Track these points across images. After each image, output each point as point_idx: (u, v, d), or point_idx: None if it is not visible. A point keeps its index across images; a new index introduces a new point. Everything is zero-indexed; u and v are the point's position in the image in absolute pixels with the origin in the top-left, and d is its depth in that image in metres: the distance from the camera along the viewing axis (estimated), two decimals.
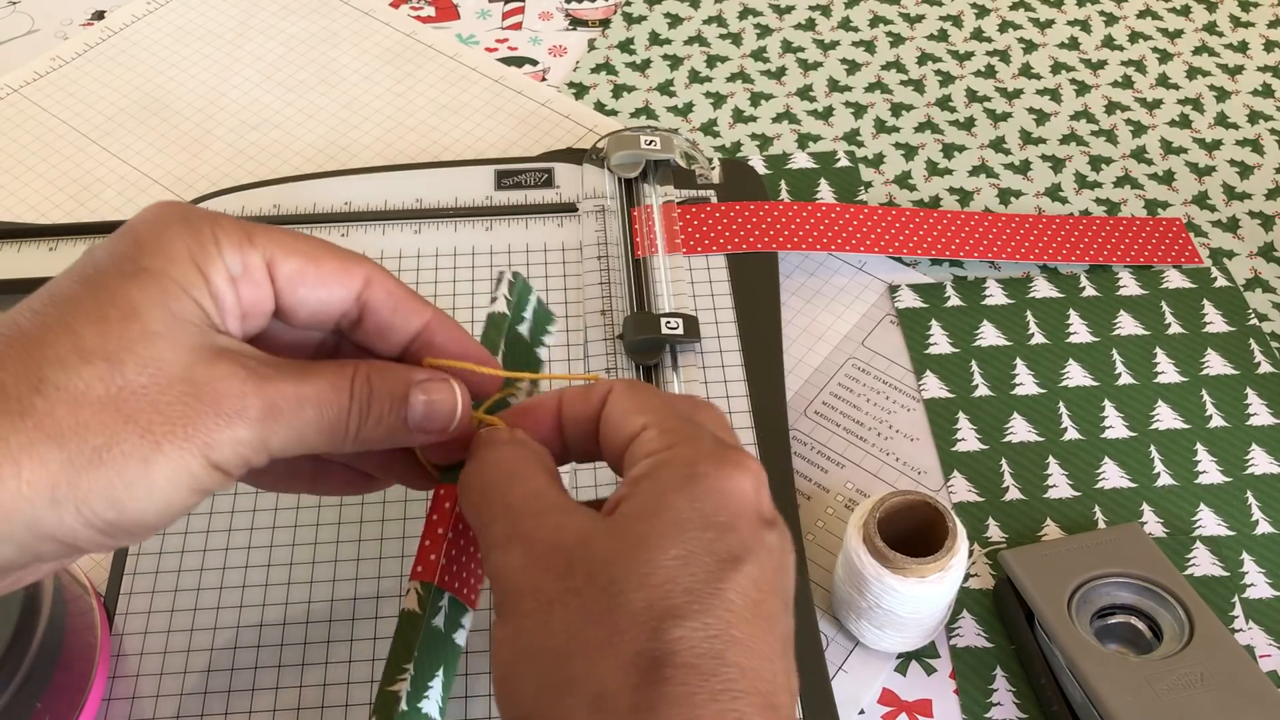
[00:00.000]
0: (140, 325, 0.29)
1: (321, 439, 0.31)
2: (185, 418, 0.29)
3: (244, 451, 0.30)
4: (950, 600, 0.41)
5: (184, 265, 0.30)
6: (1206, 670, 0.39)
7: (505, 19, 0.71)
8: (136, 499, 0.28)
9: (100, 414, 0.28)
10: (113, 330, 0.29)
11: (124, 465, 0.28)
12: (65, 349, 0.29)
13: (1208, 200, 0.60)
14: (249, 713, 0.40)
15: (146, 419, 0.28)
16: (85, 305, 0.29)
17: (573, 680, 0.27)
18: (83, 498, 0.28)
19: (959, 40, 0.69)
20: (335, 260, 0.33)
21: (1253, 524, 0.46)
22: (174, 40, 0.68)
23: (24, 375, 0.28)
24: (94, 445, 0.28)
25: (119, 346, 0.29)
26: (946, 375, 0.51)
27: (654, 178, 0.56)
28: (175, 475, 0.29)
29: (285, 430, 0.30)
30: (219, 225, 0.31)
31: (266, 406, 0.30)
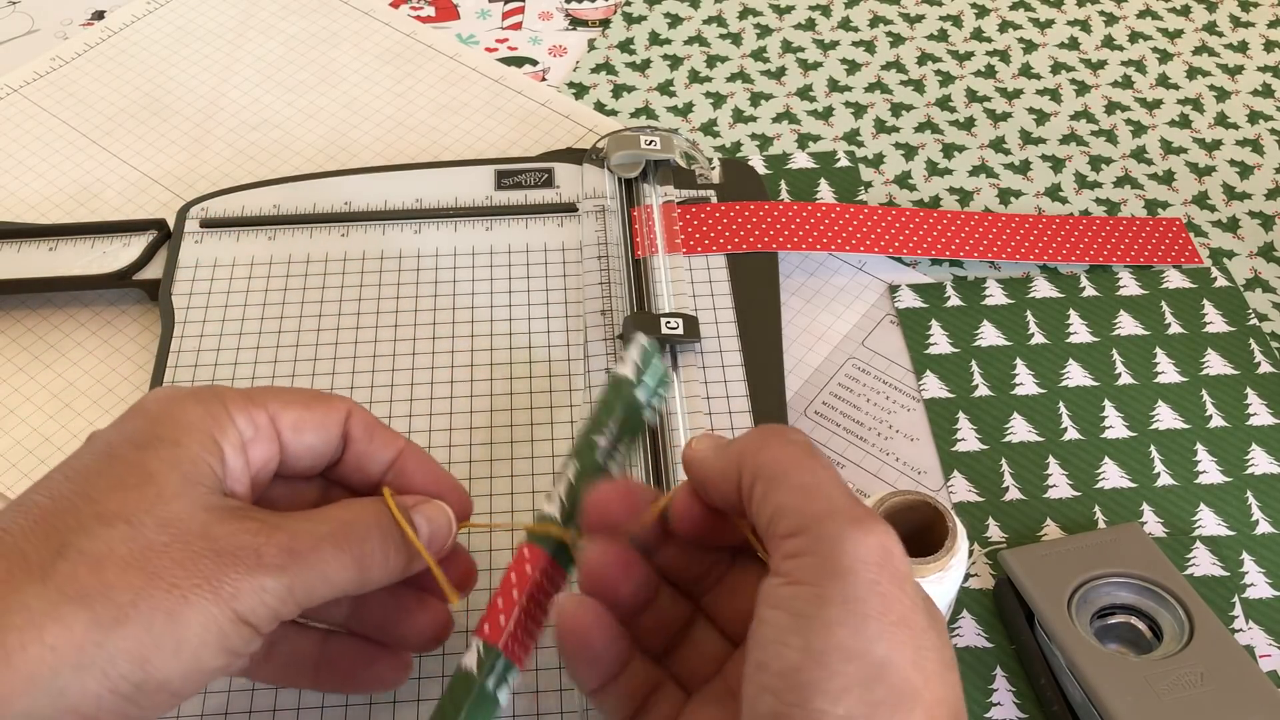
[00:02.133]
0: (157, 489, 0.30)
1: (346, 575, 0.32)
2: (209, 571, 0.29)
3: (270, 601, 0.30)
4: (950, 600, 0.41)
5: (199, 435, 0.32)
6: (1206, 670, 0.39)
7: (505, 19, 0.71)
8: (164, 656, 0.28)
9: (125, 573, 0.28)
10: (131, 495, 0.30)
11: (151, 619, 0.28)
12: (86, 515, 0.29)
13: (1208, 200, 0.60)
14: (249, 713, 0.40)
15: (171, 575, 0.29)
16: (103, 475, 0.30)
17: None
18: (109, 658, 0.27)
19: (959, 40, 0.69)
20: (321, 402, 0.35)
21: (1253, 524, 0.46)
22: (174, 40, 0.68)
23: (45, 543, 0.28)
24: (119, 603, 0.28)
25: (138, 509, 0.29)
26: (946, 375, 0.51)
27: (654, 178, 0.56)
28: (204, 629, 0.29)
29: (308, 573, 0.31)
30: (225, 396, 0.33)
31: (285, 552, 0.31)
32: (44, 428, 0.50)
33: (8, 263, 0.53)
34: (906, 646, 0.26)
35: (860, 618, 0.26)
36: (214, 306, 0.52)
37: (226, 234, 0.54)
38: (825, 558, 0.27)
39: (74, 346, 0.53)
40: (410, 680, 0.41)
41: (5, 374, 0.52)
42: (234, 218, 0.55)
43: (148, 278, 0.53)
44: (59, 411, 0.50)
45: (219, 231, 0.55)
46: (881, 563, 0.27)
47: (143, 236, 0.54)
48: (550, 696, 0.40)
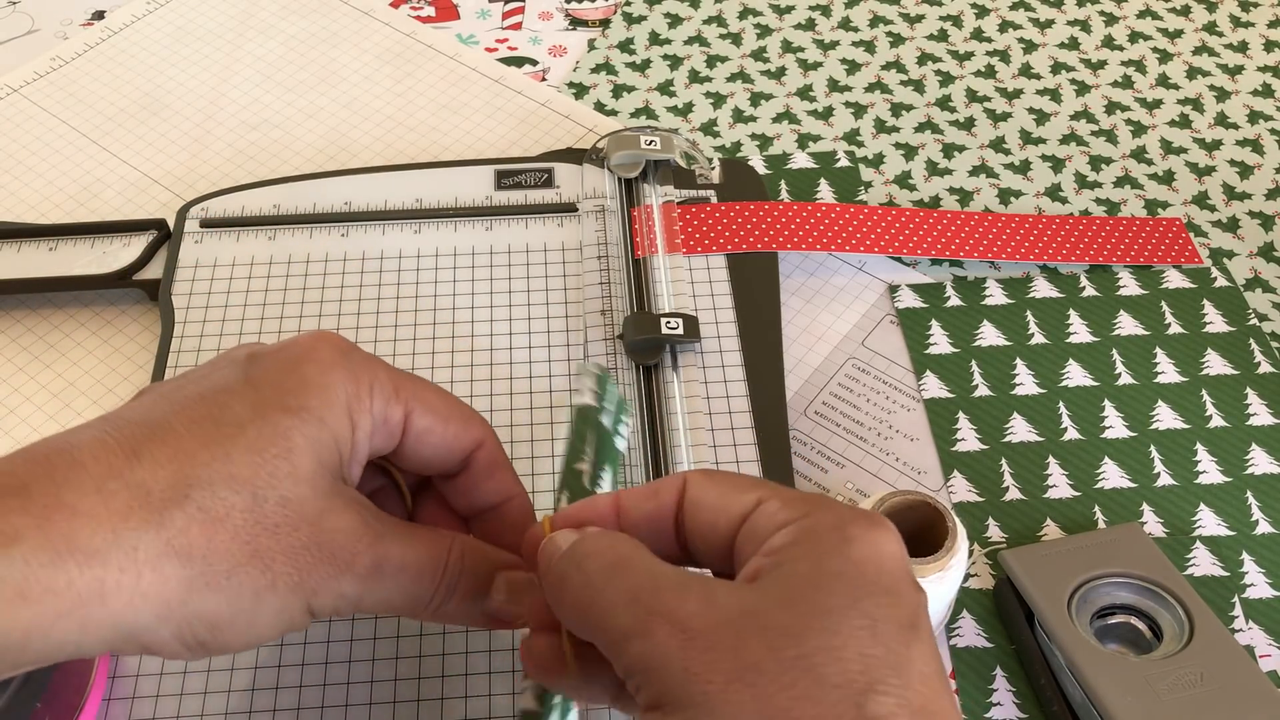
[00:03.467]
0: (291, 466, 0.30)
1: (405, 604, 0.33)
2: (305, 563, 0.30)
3: (341, 605, 0.31)
4: (950, 600, 0.41)
5: (340, 413, 0.32)
6: (1206, 670, 0.39)
7: (505, 19, 0.71)
8: (237, 628, 0.29)
9: (232, 542, 0.29)
10: (265, 465, 0.30)
11: (238, 595, 0.29)
12: (217, 470, 0.29)
13: (1208, 200, 0.60)
14: (249, 713, 0.40)
15: (271, 556, 0.29)
16: (246, 432, 0.30)
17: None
18: (188, 617, 0.28)
19: (959, 40, 0.69)
20: (460, 422, 0.35)
21: (1253, 524, 0.46)
22: (174, 40, 0.68)
23: (170, 486, 0.29)
24: (217, 571, 0.29)
25: (268, 483, 0.30)
26: (946, 375, 0.51)
27: (654, 178, 0.56)
28: (278, 614, 0.30)
29: (380, 591, 0.32)
30: (376, 376, 0.33)
31: (374, 566, 0.31)
32: (44, 428, 0.50)
33: (8, 263, 0.53)
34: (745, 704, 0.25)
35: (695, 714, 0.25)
36: (214, 306, 0.52)
37: (226, 234, 0.54)
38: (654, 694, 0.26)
39: (74, 346, 0.53)
40: (410, 680, 0.41)
41: (5, 374, 0.52)
42: (234, 218, 0.55)
43: (148, 278, 0.53)
44: (59, 411, 0.50)
45: (219, 231, 0.55)
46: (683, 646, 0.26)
47: (143, 236, 0.54)
48: None
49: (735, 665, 0.25)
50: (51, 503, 0.27)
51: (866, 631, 0.26)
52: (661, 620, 0.26)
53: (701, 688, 0.25)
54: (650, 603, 0.27)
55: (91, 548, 0.27)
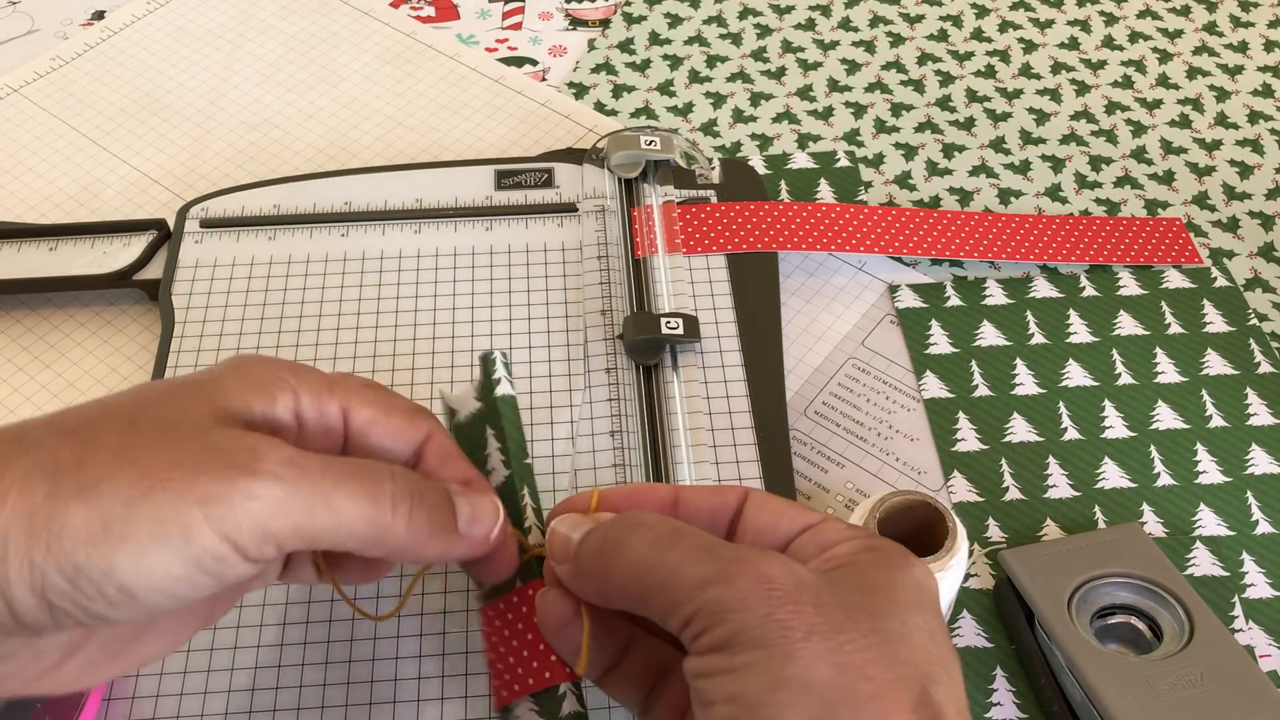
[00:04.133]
0: (171, 403, 0.29)
1: (359, 512, 0.29)
2: (189, 467, 0.27)
3: (256, 511, 0.27)
4: (950, 600, 0.41)
5: (253, 387, 0.31)
6: (1206, 670, 0.39)
7: (505, 19, 0.71)
8: (110, 543, 0.26)
9: (106, 457, 0.27)
10: (143, 405, 0.29)
11: (106, 502, 0.26)
12: (95, 412, 0.29)
13: (1208, 200, 0.60)
14: (249, 712, 0.40)
15: (146, 465, 0.27)
16: (140, 393, 0.30)
17: (856, 711, 0.26)
18: (56, 531, 0.26)
19: (959, 40, 0.69)
20: (403, 415, 0.34)
21: (1253, 524, 0.46)
22: (174, 40, 0.68)
23: (47, 426, 0.28)
24: (83, 480, 0.26)
25: (143, 413, 0.29)
26: (946, 375, 0.51)
27: (654, 178, 0.56)
28: (160, 525, 0.26)
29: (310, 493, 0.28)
30: (303, 372, 0.32)
31: (286, 461, 0.28)
32: None
33: (8, 263, 0.53)
34: (823, 654, 0.27)
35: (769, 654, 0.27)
36: (214, 306, 0.52)
37: (226, 234, 0.54)
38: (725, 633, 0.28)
39: (74, 346, 0.53)
40: (410, 680, 0.41)
41: (5, 374, 0.52)
42: (234, 218, 0.55)
43: (148, 278, 0.53)
44: None
45: (219, 231, 0.55)
46: (766, 595, 0.27)
47: (143, 236, 0.54)
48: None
49: (817, 621, 0.27)
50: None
51: (927, 634, 0.28)
52: (746, 569, 0.28)
53: (781, 632, 0.27)
54: (732, 556, 0.29)
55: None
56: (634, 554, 0.30)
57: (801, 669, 0.26)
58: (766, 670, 0.27)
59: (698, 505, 0.33)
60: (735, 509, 0.33)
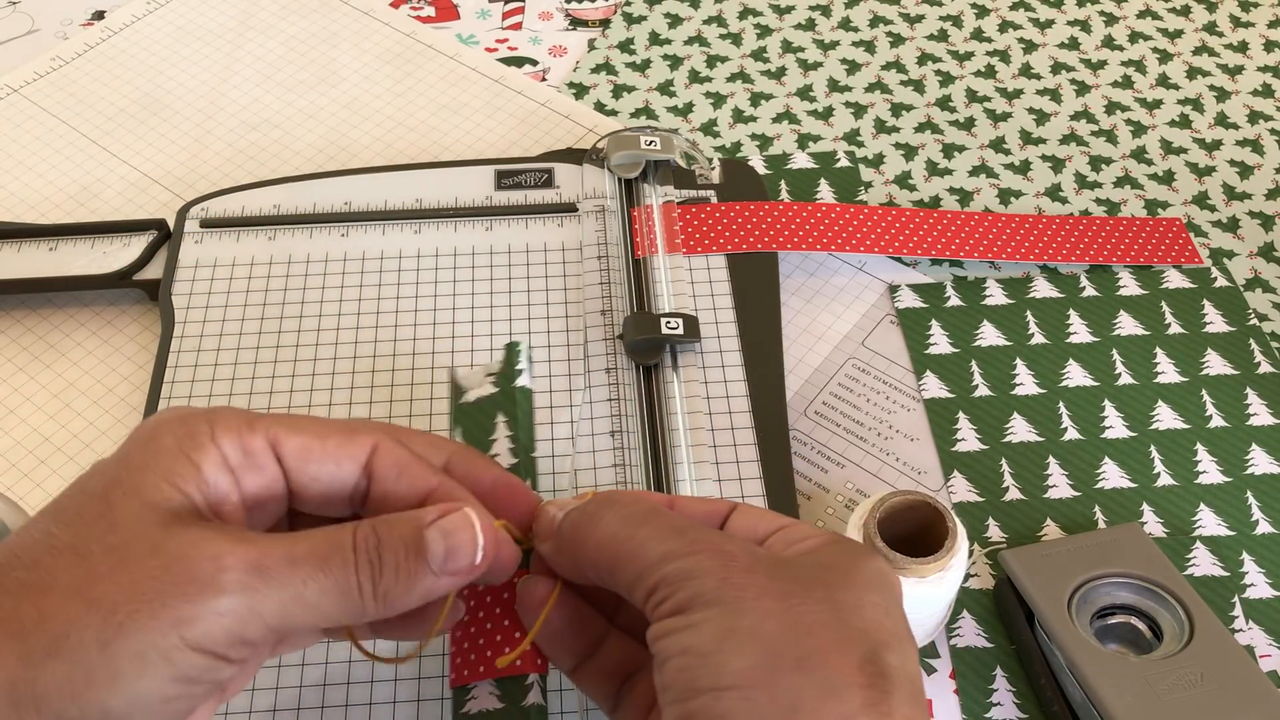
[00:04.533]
0: (112, 517, 0.28)
1: (330, 600, 0.29)
2: (153, 593, 0.27)
3: (228, 624, 0.27)
4: (950, 600, 0.41)
5: (169, 457, 0.30)
6: (1206, 670, 0.39)
7: (505, 19, 0.71)
8: (97, 689, 0.26)
9: (64, 603, 0.27)
10: (85, 526, 0.28)
11: (81, 654, 0.26)
12: (40, 550, 0.28)
13: (1208, 200, 0.60)
14: (249, 712, 0.40)
15: (111, 601, 0.27)
16: (67, 511, 0.29)
17: (801, 661, 0.27)
18: (40, 694, 0.26)
19: (959, 40, 0.69)
20: (340, 433, 0.32)
21: (1253, 524, 0.46)
22: (174, 40, 0.68)
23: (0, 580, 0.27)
24: (51, 636, 0.26)
25: (89, 538, 0.28)
26: (946, 375, 0.51)
27: (654, 178, 0.56)
28: (141, 659, 0.27)
29: (278, 593, 0.28)
30: (216, 418, 0.31)
31: (249, 566, 0.28)
32: (44, 428, 0.50)
33: (8, 263, 0.53)
34: (773, 612, 0.28)
35: (722, 610, 0.28)
36: (214, 306, 0.52)
37: (226, 234, 0.54)
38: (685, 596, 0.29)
39: (74, 346, 0.53)
40: (410, 680, 0.41)
41: (5, 374, 0.52)
42: (234, 218, 0.55)
43: (148, 278, 0.53)
44: (59, 411, 0.50)
45: (219, 231, 0.55)
46: (724, 564, 0.29)
47: (143, 236, 0.54)
48: (553, 697, 0.40)
49: (769, 586, 0.29)
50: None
51: (882, 610, 0.29)
52: (708, 546, 0.30)
53: (735, 593, 0.28)
54: (696, 535, 0.30)
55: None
56: (606, 529, 0.32)
57: (751, 622, 0.28)
58: (718, 623, 0.28)
59: (690, 511, 0.34)
60: (722, 518, 0.34)
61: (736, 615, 0.28)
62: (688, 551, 0.30)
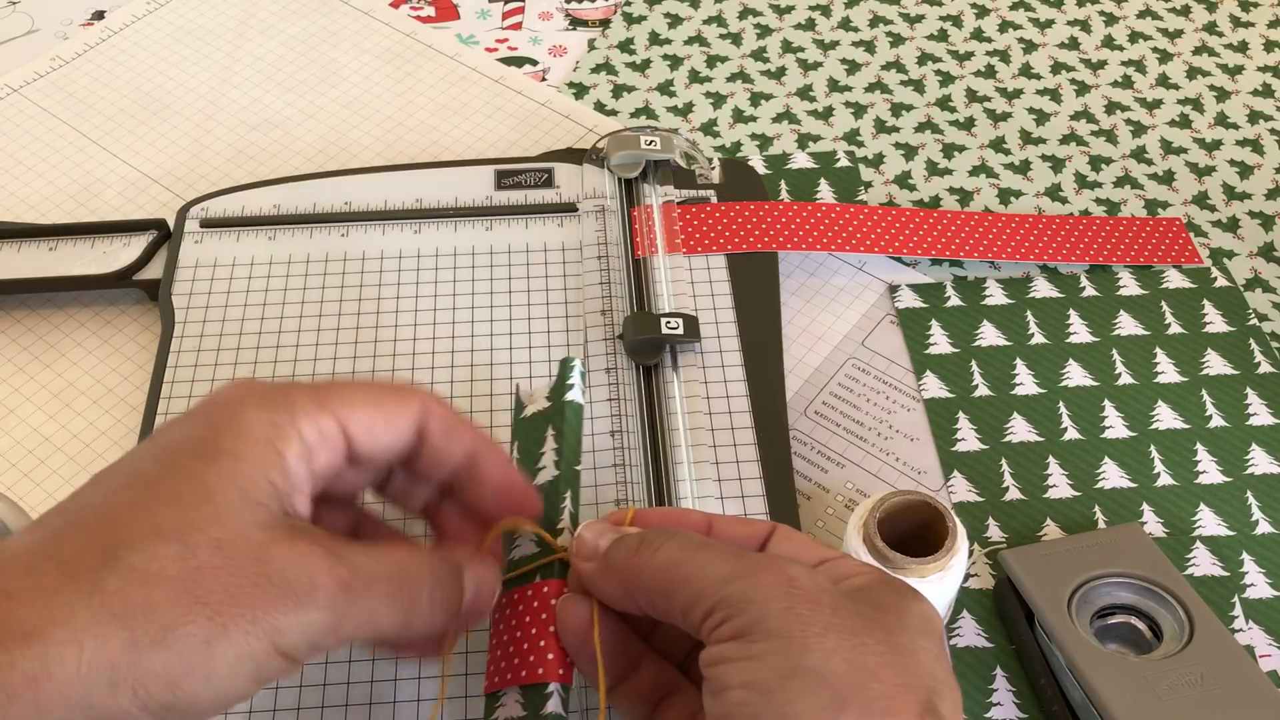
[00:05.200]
0: (214, 507, 0.29)
1: (391, 621, 0.32)
2: (255, 600, 0.28)
3: (313, 635, 0.29)
4: (950, 600, 0.41)
5: (259, 445, 0.31)
6: (1206, 670, 0.39)
7: (505, 19, 0.71)
8: (194, 682, 0.28)
9: (171, 594, 0.28)
10: (188, 512, 0.29)
11: (186, 647, 0.28)
12: (140, 528, 0.29)
13: (1208, 200, 0.60)
14: (249, 713, 0.40)
15: (216, 601, 0.28)
16: (161, 486, 0.30)
17: (866, 706, 0.27)
18: (140, 679, 0.27)
19: (959, 40, 0.69)
20: (394, 399, 0.34)
21: (1253, 524, 0.46)
22: (174, 40, 0.68)
23: (97, 554, 0.28)
24: (159, 625, 0.28)
25: (194, 527, 0.29)
26: (946, 375, 0.51)
27: (654, 178, 0.56)
28: (238, 661, 0.28)
29: (358, 612, 0.30)
30: (294, 400, 0.32)
31: (340, 586, 0.30)
32: (44, 428, 0.50)
33: (8, 263, 0.53)
34: (839, 650, 0.28)
35: (787, 644, 0.28)
36: (214, 306, 0.52)
37: (226, 234, 0.54)
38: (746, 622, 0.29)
39: (74, 346, 0.53)
40: (410, 680, 0.41)
41: (5, 374, 0.52)
42: (234, 218, 0.55)
43: (148, 278, 0.53)
44: (59, 411, 0.50)
45: (219, 231, 0.55)
46: (788, 591, 0.29)
47: (143, 236, 0.54)
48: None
49: (834, 621, 0.28)
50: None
51: (934, 656, 0.29)
52: (770, 568, 0.30)
53: (800, 625, 0.28)
54: (756, 558, 0.30)
55: (29, 626, 0.26)
56: (664, 553, 0.32)
57: (817, 661, 0.27)
58: (783, 658, 0.28)
59: (729, 532, 0.34)
60: (762, 540, 0.34)
61: (803, 651, 0.28)
62: (749, 573, 0.30)
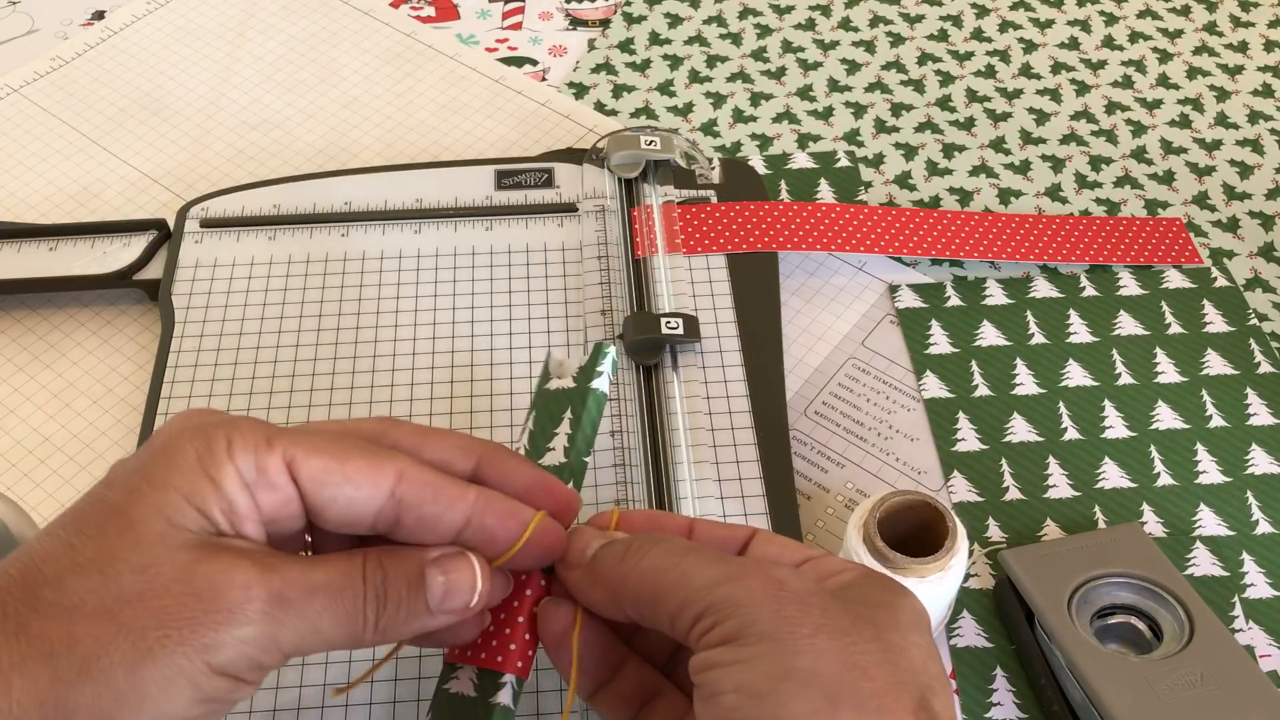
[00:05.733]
0: (135, 535, 0.29)
1: (339, 631, 0.30)
2: (183, 620, 0.28)
3: (250, 651, 0.28)
4: (950, 600, 0.41)
5: (191, 475, 0.30)
6: (1206, 670, 0.39)
7: (505, 19, 0.71)
8: (126, 712, 0.27)
9: (93, 626, 0.27)
10: (109, 543, 0.29)
11: (111, 676, 0.27)
12: (64, 565, 0.28)
13: (1208, 200, 0.60)
14: (249, 713, 0.40)
15: (140, 626, 0.27)
16: (89, 522, 0.29)
17: (860, 705, 0.27)
18: (70, 713, 0.27)
19: (959, 40, 0.69)
20: (363, 458, 0.31)
21: (1253, 524, 0.46)
22: (174, 40, 0.68)
23: (23, 596, 0.28)
24: (82, 658, 0.27)
25: (114, 557, 0.28)
26: (946, 375, 0.51)
27: (654, 178, 0.56)
28: (168, 683, 0.28)
29: (296, 623, 0.29)
30: (235, 430, 0.31)
31: (272, 597, 0.29)
32: (44, 428, 0.50)
33: (8, 263, 0.53)
34: (830, 651, 0.28)
35: (778, 647, 0.28)
36: (214, 306, 0.52)
37: (226, 234, 0.54)
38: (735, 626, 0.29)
39: (74, 346, 0.53)
40: (410, 680, 0.41)
41: (5, 374, 0.52)
42: (234, 218, 0.55)
43: (148, 278, 0.53)
44: (59, 411, 0.50)
45: (219, 231, 0.55)
46: (776, 593, 0.29)
47: (143, 236, 0.54)
48: (551, 697, 0.40)
49: (823, 622, 0.28)
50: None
51: (925, 652, 0.29)
52: (756, 571, 0.30)
53: (790, 628, 0.28)
54: (742, 562, 0.30)
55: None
56: (651, 559, 0.31)
57: (809, 662, 0.27)
58: (775, 661, 0.28)
59: (710, 535, 0.34)
60: (743, 544, 0.34)
61: (794, 653, 0.28)
62: (736, 577, 0.29)
